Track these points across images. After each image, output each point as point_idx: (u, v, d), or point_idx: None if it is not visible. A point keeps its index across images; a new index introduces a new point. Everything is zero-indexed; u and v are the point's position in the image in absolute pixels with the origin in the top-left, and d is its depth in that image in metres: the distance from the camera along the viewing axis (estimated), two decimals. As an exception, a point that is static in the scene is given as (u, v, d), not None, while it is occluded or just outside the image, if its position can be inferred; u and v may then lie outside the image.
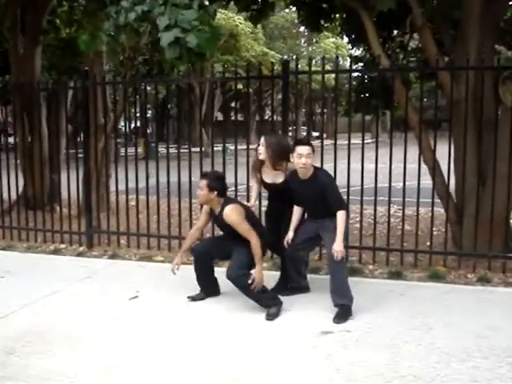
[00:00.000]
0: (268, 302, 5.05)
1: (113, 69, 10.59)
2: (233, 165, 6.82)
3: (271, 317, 4.92)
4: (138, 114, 8.09)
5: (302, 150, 4.96)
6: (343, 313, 4.86)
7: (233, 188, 6.76)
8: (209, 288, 5.46)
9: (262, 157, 5.44)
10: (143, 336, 4.58)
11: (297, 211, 5.35)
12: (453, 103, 6.20)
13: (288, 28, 40.27)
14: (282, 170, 5.42)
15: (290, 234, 5.28)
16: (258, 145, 5.45)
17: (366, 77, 9.17)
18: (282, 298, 5.14)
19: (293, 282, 5.52)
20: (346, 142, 6.24)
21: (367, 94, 9.20)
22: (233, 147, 6.93)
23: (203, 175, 5.26)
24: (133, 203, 7.80)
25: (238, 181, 6.87)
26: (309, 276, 5.78)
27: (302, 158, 4.94)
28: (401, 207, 9.92)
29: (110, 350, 4.30)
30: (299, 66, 6.47)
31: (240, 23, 27.09)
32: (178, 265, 5.29)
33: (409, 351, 4.21)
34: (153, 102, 8.29)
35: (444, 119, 6.64)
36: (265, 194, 5.79)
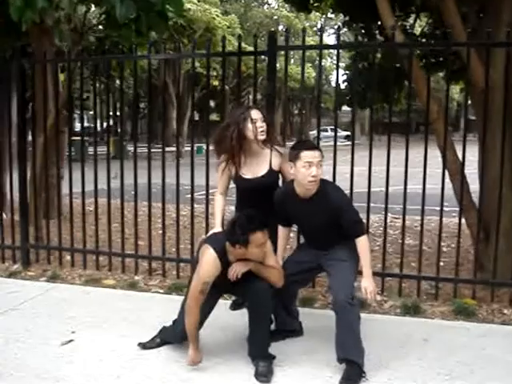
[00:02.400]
0: (264, 352, 3.68)
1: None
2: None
3: (266, 378, 3.51)
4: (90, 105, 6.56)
5: (312, 155, 3.53)
6: (353, 374, 3.47)
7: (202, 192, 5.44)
8: (170, 331, 4.03)
9: (264, 136, 3.97)
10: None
11: (284, 232, 3.98)
12: (481, 92, 4.89)
13: (267, 24, 38.94)
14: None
15: None
16: (253, 120, 3.93)
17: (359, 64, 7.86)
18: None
19: (281, 324, 4.10)
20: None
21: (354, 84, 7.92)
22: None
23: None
24: (90, 209, 6.38)
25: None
26: (304, 310, 4.43)
27: (311, 168, 3.50)
28: (396, 216, 8.74)
29: None
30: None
31: (217, 15, 25.62)
32: (200, 359, 3.68)
33: None
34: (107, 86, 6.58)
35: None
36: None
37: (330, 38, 49.94)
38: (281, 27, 43.02)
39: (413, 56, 4.85)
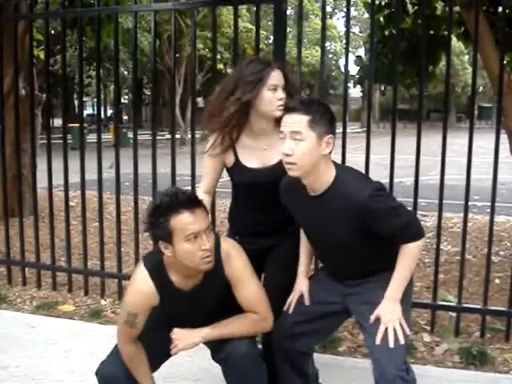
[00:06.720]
0: None
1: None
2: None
3: None
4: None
5: (285, 119, 2.20)
6: None
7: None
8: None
9: (281, 112, 2.39)
10: None
11: (306, 242, 2.54)
12: None
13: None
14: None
15: (303, 285, 2.50)
16: (271, 86, 2.50)
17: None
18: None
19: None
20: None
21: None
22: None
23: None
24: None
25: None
26: (324, 358, 3.11)
27: (285, 142, 2.18)
28: (424, 213, 7.38)
29: None
30: None
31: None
32: None
33: None
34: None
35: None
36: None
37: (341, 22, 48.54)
38: (289, 11, 41.52)
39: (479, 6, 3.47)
